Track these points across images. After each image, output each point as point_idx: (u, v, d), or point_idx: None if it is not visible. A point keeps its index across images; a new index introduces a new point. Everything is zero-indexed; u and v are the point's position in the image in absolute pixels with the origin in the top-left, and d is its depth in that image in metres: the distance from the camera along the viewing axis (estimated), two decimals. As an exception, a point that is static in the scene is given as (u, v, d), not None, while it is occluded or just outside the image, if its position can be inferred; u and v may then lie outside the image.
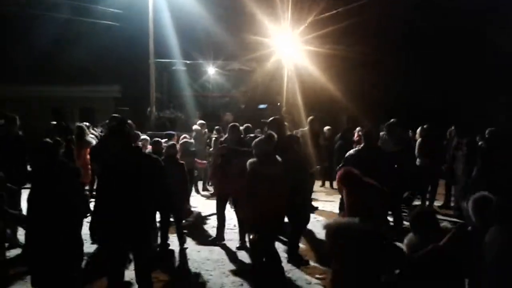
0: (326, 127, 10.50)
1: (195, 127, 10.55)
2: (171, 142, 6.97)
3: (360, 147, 6.02)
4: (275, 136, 5.34)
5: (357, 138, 9.44)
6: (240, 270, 5.37)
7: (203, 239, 6.70)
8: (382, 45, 17.89)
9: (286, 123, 6.88)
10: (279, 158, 4.75)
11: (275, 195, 4.59)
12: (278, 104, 14.05)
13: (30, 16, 17.09)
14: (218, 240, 6.41)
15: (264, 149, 4.75)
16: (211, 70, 17.51)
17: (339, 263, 3.01)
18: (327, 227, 3.09)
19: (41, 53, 17.78)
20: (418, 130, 8.62)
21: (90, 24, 16.32)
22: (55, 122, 6.69)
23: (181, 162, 6.56)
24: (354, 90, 16.92)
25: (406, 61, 18.85)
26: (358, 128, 9.86)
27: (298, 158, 5.59)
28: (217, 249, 6.25)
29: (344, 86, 16.42)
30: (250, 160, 4.75)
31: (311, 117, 8.20)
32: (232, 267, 5.57)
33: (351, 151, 5.96)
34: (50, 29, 17.04)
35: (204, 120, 11.32)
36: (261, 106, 14.51)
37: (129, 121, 6.31)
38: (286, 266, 5.63)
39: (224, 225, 6.51)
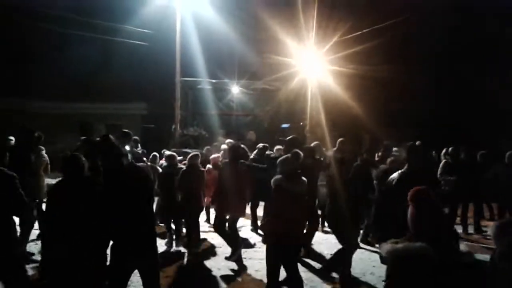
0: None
1: (223, 146, 10.65)
2: (194, 153, 7.25)
3: (404, 170, 5.40)
4: (301, 154, 5.38)
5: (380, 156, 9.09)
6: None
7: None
8: (407, 65, 17.83)
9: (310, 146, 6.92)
10: (303, 178, 4.77)
11: (298, 212, 4.61)
12: (301, 123, 14.07)
13: (61, 34, 17.71)
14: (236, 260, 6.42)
15: (290, 167, 4.77)
16: (235, 89, 17.73)
17: None
18: (393, 253, 2.65)
19: (70, 71, 18.39)
20: (443, 151, 8.51)
21: (119, 44, 16.81)
22: (83, 137, 6.86)
23: (202, 169, 7.02)
24: (378, 109, 16.86)
25: (431, 82, 18.74)
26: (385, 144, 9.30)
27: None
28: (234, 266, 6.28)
29: (368, 106, 16.38)
30: (275, 177, 4.79)
31: (340, 139, 7.87)
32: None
33: (395, 175, 5.35)
34: (80, 48, 17.65)
35: (227, 138, 11.43)
36: (284, 125, 14.54)
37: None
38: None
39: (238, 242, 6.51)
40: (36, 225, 6.50)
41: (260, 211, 7.72)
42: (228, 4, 15.71)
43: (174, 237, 7.14)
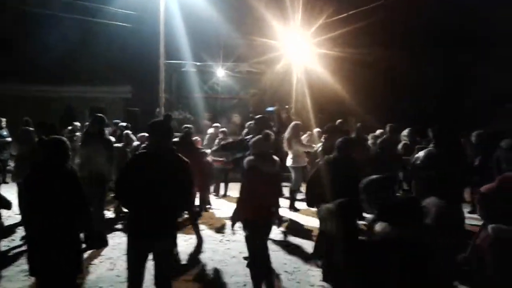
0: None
1: (210, 130, 10.65)
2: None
3: (431, 147, 5.54)
4: (272, 134, 5.45)
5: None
6: (244, 272, 5.39)
7: (207, 239, 6.75)
8: (392, 47, 17.84)
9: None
10: (276, 157, 4.85)
11: (271, 192, 4.75)
12: (287, 106, 14.00)
13: (44, 16, 17.30)
14: None
15: (261, 147, 4.83)
16: (220, 72, 17.52)
17: None
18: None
19: (53, 53, 18.02)
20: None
21: (102, 25, 16.46)
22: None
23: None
24: (363, 92, 16.87)
25: (418, 64, 18.78)
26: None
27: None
28: (221, 250, 6.29)
29: (354, 89, 16.38)
30: (247, 158, 4.84)
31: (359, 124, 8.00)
32: (236, 268, 5.59)
33: (421, 153, 5.52)
34: (62, 30, 17.27)
35: (212, 122, 11.39)
36: (269, 108, 14.45)
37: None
38: (290, 267, 5.67)
39: None
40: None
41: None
42: (213, -15, 15.43)
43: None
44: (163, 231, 3.80)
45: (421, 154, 5.55)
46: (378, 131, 9.18)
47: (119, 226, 7.44)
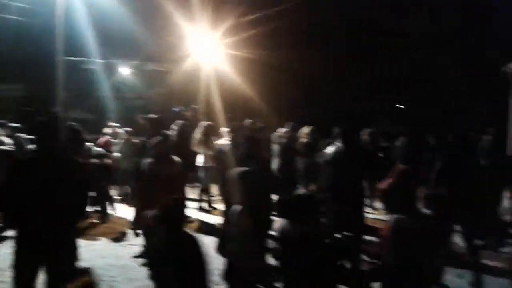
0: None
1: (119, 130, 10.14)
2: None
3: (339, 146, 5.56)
4: (171, 135, 5.43)
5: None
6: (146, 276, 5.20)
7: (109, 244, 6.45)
8: (297, 50, 18.51)
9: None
10: (177, 158, 4.80)
11: (172, 194, 4.63)
12: (194, 106, 13.83)
13: None
14: None
15: (160, 149, 4.83)
16: (125, 71, 16.82)
17: None
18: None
19: None
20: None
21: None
22: None
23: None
24: (272, 93, 17.32)
25: (322, 66, 19.70)
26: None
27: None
28: (123, 255, 6.04)
29: (262, 89, 16.73)
30: (145, 160, 4.78)
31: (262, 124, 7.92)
32: (138, 272, 5.39)
33: (327, 150, 5.60)
34: None
35: (117, 122, 10.89)
36: (175, 108, 14.20)
37: None
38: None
39: None
40: None
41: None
42: (118, -21, 14.78)
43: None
44: (59, 239, 3.55)
45: (326, 151, 5.68)
46: (281, 131, 9.37)
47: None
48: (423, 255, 3.25)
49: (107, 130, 10.22)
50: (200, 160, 8.50)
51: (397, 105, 21.44)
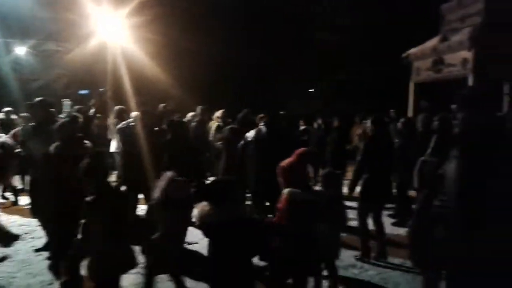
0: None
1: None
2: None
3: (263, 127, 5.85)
4: (80, 117, 5.24)
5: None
6: (47, 269, 4.83)
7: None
8: (209, 33, 18.28)
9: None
10: (86, 141, 4.58)
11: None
12: (101, 89, 13.04)
13: None
14: None
15: (68, 132, 4.69)
16: (21, 50, 15.32)
17: None
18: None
19: None
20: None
21: None
22: None
23: None
24: (185, 76, 16.97)
25: (234, 49, 19.65)
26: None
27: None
28: (23, 249, 5.57)
29: (175, 73, 16.33)
30: (54, 144, 4.51)
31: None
32: (41, 266, 5.00)
33: (252, 132, 5.81)
34: None
35: (11, 107, 9.94)
36: (82, 91, 13.28)
37: None
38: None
39: None
40: None
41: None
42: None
43: None
44: None
45: (251, 132, 5.86)
46: (190, 114, 9.25)
47: None
48: (316, 226, 3.63)
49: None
50: (113, 145, 8.16)
51: (309, 90, 22.18)
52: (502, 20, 8.01)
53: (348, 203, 4.99)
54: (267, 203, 5.60)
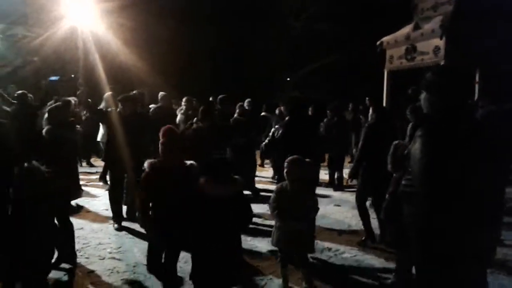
0: None
1: None
2: None
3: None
4: (72, 102, 5.48)
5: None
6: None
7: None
8: (182, 20, 18.05)
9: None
10: (77, 126, 4.91)
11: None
12: (73, 76, 12.73)
13: None
14: None
15: (59, 116, 5.03)
16: (-12, 36, 14.75)
17: None
18: None
19: None
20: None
21: None
22: None
23: None
24: (158, 64, 16.70)
25: (208, 38, 19.46)
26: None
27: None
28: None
29: (149, 60, 16.07)
30: (46, 127, 4.88)
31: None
32: None
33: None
34: None
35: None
36: (53, 78, 12.90)
37: None
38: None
39: None
40: None
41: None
42: None
43: None
44: None
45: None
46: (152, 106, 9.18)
47: None
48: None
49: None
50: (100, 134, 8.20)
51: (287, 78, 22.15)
52: (473, 8, 8.16)
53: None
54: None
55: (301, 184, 4.02)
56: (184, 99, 8.71)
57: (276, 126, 6.00)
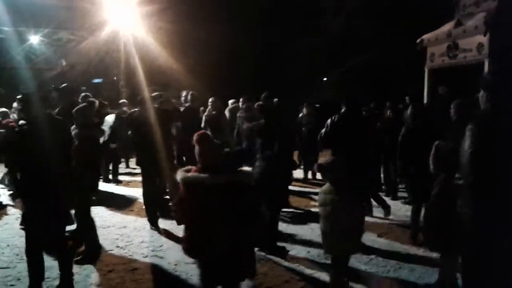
0: None
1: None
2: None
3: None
4: (96, 102, 5.60)
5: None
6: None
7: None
8: (219, 22, 18.20)
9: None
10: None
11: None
12: (115, 78, 13.14)
13: None
14: None
15: (85, 116, 4.97)
16: (35, 39, 15.40)
17: None
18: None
19: None
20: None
21: None
22: None
23: None
24: (198, 66, 16.92)
25: (247, 38, 19.54)
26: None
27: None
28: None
29: (188, 62, 16.32)
30: (75, 130, 4.86)
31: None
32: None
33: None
34: None
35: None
36: (96, 80, 13.35)
37: None
38: (122, 242, 5.43)
39: None
40: None
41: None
42: None
43: None
44: None
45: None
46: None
47: None
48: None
49: (15, 105, 9.40)
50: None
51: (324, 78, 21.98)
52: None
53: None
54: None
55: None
56: (210, 100, 8.76)
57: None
